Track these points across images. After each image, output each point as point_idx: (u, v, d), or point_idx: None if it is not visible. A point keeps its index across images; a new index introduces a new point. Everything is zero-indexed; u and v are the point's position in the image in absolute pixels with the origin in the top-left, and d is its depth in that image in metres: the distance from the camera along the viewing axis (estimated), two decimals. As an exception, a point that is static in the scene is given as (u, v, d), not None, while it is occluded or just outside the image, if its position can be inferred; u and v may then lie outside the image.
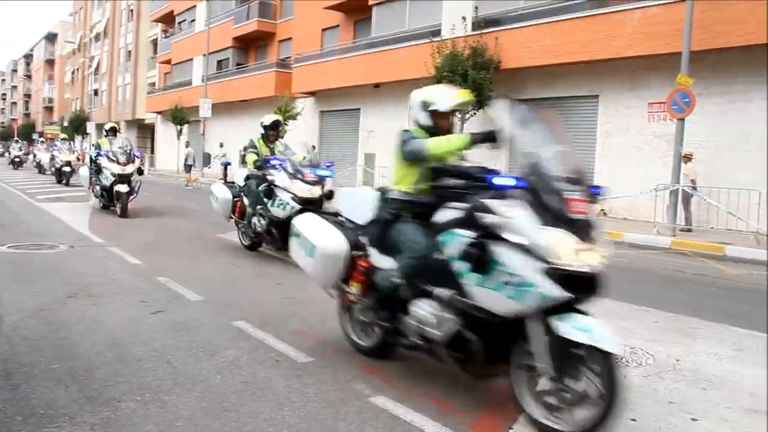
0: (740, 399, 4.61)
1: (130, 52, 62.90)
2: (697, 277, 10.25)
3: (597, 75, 19.49)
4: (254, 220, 9.88)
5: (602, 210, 19.07)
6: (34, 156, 38.96)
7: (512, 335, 3.95)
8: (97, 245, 10.44)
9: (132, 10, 62.37)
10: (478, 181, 4.19)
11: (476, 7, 22.36)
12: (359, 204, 5.26)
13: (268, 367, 4.84)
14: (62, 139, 29.01)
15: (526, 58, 20.45)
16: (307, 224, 5.46)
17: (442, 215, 4.37)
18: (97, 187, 15.25)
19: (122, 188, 14.22)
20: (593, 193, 3.85)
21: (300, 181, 9.20)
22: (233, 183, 11.29)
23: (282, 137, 11.36)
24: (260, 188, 9.71)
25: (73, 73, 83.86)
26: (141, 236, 11.70)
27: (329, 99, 32.13)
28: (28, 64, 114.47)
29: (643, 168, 18.25)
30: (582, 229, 3.67)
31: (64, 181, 24.79)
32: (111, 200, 14.71)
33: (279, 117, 10.81)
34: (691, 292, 8.85)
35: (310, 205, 8.82)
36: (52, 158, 27.53)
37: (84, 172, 16.29)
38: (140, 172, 15.04)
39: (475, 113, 21.21)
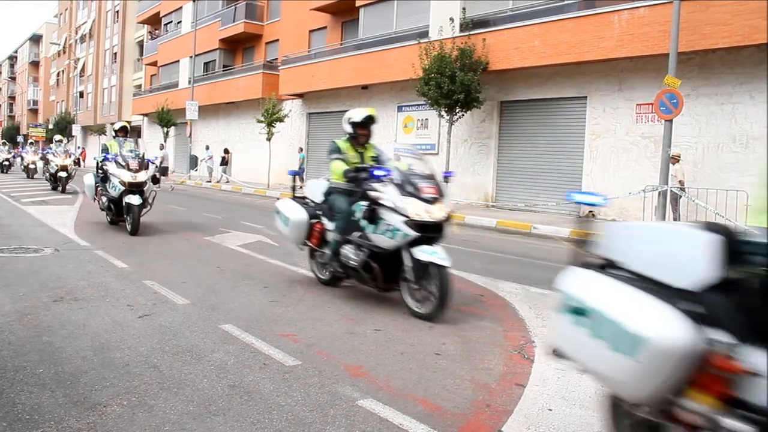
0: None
1: (115, 53, 62.62)
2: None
3: (585, 76, 19.53)
4: (346, 250, 7.36)
5: (591, 212, 19.08)
6: (22, 159, 35.88)
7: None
8: (82, 249, 10.34)
9: (118, 12, 62.12)
10: None
11: (464, 9, 22.38)
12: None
13: (255, 370, 4.80)
14: (57, 141, 25.27)
15: (515, 59, 20.48)
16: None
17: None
18: (104, 199, 13.01)
19: (133, 200, 11.92)
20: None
21: (415, 198, 6.65)
22: (304, 198, 8.52)
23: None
24: (356, 208, 7.27)
25: (58, 75, 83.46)
26: (126, 239, 11.60)
27: (317, 101, 32.09)
28: (12, 65, 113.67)
29: (631, 169, 18.30)
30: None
31: (59, 188, 22.45)
32: (120, 214, 12.55)
33: (371, 111, 7.89)
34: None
35: (429, 231, 6.65)
36: (47, 162, 24.35)
37: (89, 180, 13.68)
38: (155, 180, 12.82)
39: (463, 115, 21.22)
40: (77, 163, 22.83)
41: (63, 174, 22.53)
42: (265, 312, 6.65)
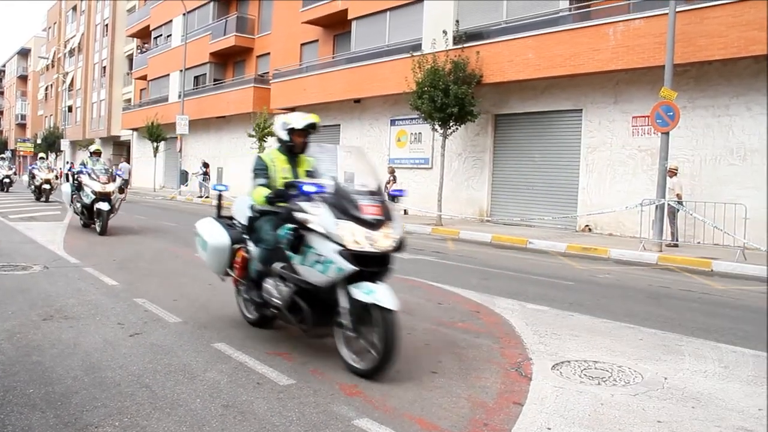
0: (729, 417, 4.54)
1: (105, 67, 62.48)
2: (683, 293, 10.17)
3: (580, 89, 19.49)
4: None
5: (587, 226, 19.01)
6: (32, 177, 27.87)
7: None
8: (72, 266, 10.25)
9: (107, 25, 62.04)
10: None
11: (457, 21, 22.35)
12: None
13: (249, 389, 4.75)
14: (92, 154, 16.50)
15: (509, 72, 20.42)
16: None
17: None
18: (283, 289, 5.79)
19: (382, 298, 5.08)
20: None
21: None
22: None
23: None
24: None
25: (46, 89, 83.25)
26: (117, 256, 11.49)
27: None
28: (0, 80, 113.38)
29: (628, 182, 18.22)
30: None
31: (98, 228, 14.77)
32: (325, 320, 5.61)
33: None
34: (676, 309, 8.74)
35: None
36: (79, 188, 15.42)
37: (217, 238, 6.82)
38: (399, 247, 5.44)
39: (457, 129, 21.10)
40: (122, 189, 15.88)
41: (103, 206, 14.68)
42: (258, 330, 6.55)
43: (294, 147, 6.33)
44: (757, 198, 15.10)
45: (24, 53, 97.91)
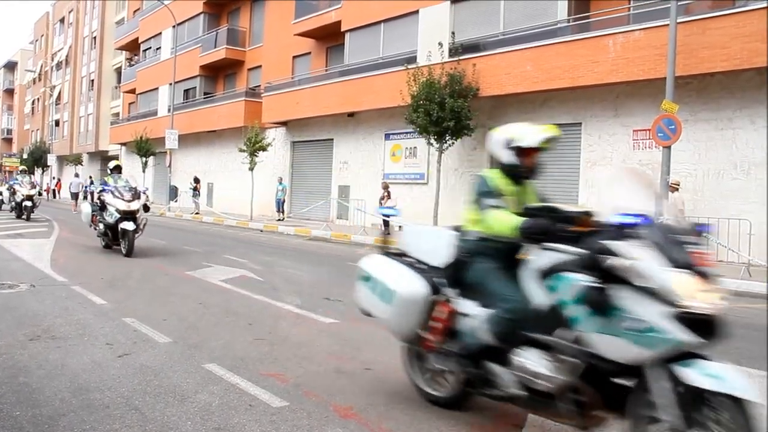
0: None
1: (93, 81, 62.18)
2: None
3: (579, 102, 19.29)
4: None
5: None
6: (103, 209, 14.35)
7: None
8: (59, 284, 10.06)
9: (95, 38, 61.76)
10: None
11: (453, 33, 22.11)
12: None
13: (241, 412, 4.70)
14: (111, 170, 15.21)
15: (506, 84, 20.21)
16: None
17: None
18: (560, 367, 4.01)
19: None
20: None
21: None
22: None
23: None
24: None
25: (33, 103, 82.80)
26: (105, 274, 11.29)
27: (301, 129, 31.70)
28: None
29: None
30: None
31: (123, 249, 13.90)
32: (612, 404, 3.93)
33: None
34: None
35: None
36: (102, 208, 14.27)
37: (406, 286, 4.83)
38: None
39: (453, 143, 20.83)
40: (147, 207, 14.45)
41: (128, 226, 13.74)
42: (249, 350, 6.50)
43: (521, 171, 4.65)
44: (762, 213, 14.85)
45: (10, 66, 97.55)
